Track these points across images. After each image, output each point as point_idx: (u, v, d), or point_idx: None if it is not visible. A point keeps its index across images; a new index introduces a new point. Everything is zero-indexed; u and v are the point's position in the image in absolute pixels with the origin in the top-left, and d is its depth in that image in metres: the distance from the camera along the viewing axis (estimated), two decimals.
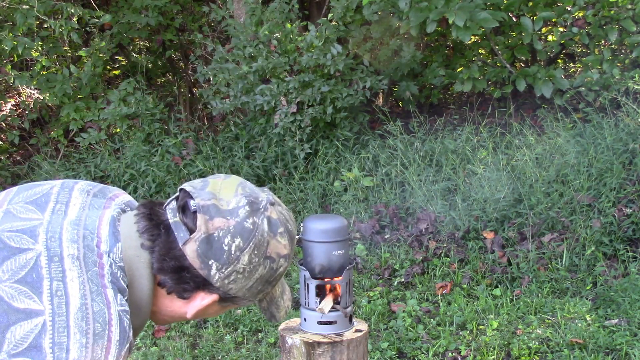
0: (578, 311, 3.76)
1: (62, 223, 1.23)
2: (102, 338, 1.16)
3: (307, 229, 2.23)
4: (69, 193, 1.30)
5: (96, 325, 1.16)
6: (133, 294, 1.24)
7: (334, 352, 2.18)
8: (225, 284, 1.26)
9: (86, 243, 1.22)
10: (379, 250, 4.64)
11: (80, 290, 1.17)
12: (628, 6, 5.32)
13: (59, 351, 1.12)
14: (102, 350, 1.16)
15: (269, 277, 1.30)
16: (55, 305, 1.14)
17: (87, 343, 1.14)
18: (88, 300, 1.16)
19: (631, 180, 4.50)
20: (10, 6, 6.01)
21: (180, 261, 1.24)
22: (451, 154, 5.19)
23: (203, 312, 1.33)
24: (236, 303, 1.33)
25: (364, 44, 5.75)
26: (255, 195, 1.28)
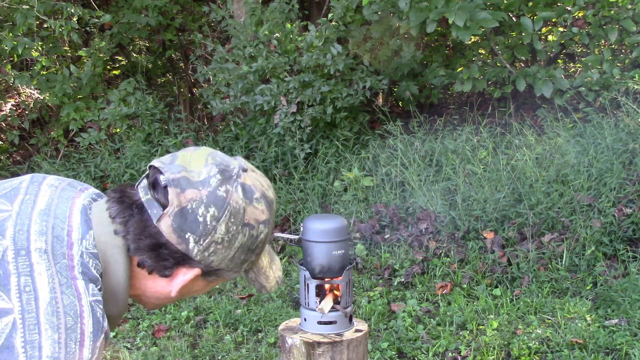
0: (578, 311, 3.76)
1: (30, 214, 1.21)
2: (75, 331, 1.13)
3: (307, 229, 2.23)
4: (37, 187, 1.27)
5: (67, 319, 1.13)
6: (108, 281, 1.22)
7: (334, 352, 2.18)
8: (205, 257, 1.23)
9: (55, 234, 1.19)
10: (379, 250, 4.64)
11: (49, 284, 1.14)
12: (628, 6, 5.32)
13: (32, 349, 1.09)
14: (76, 343, 1.13)
15: (251, 245, 1.27)
16: (24, 302, 1.12)
17: (59, 338, 1.11)
18: (58, 293, 1.13)
19: (631, 180, 4.50)
20: (10, 6, 6.01)
21: (157, 238, 1.21)
22: (451, 154, 5.19)
23: (188, 289, 1.30)
24: (221, 276, 1.30)
25: (364, 44, 5.75)
26: (226, 164, 1.25)
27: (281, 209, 5.21)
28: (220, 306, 4.11)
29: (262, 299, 4.21)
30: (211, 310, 4.08)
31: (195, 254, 1.22)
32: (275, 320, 3.91)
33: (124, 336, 3.89)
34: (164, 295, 1.30)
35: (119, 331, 3.94)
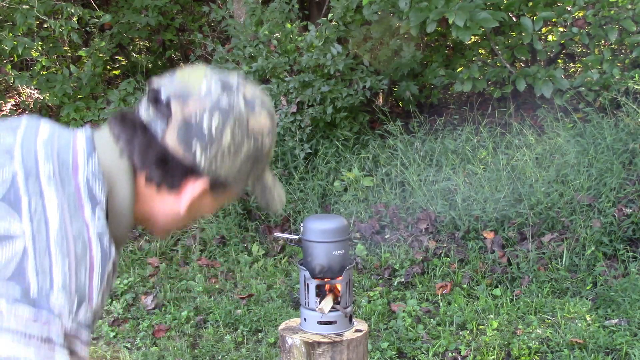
0: (578, 311, 3.76)
1: (35, 142, 1.20)
2: (85, 260, 1.12)
3: (307, 229, 2.24)
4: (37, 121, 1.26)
5: (78, 245, 1.11)
6: (113, 203, 1.20)
7: (334, 352, 2.18)
8: (212, 167, 1.22)
9: (61, 159, 1.18)
10: (379, 250, 4.64)
11: (59, 210, 1.12)
12: (628, 6, 5.32)
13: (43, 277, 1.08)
14: (86, 272, 1.11)
15: (256, 155, 1.27)
16: (35, 226, 1.10)
17: (70, 266, 1.10)
18: (67, 221, 1.12)
19: (631, 180, 4.50)
20: (10, 6, 6.01)
21: (162, 152, 1.20)
22: (451, 154, 5.19)
23: (197, 205, 1.28)
24: (228, 190, 1.29)
25: (364, 44, 5.75)
26: (226, 77, 1.25)
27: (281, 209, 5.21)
28: (220, 306, 4.11)
29: (262, 299, 4.21)
30: (211, 310, 4.08)
31: (202, 164, 1.21)
32: (275, 320, 3.91)
33: (124, 336, 3.89)
34: (173, 214, 1.28)
35: (119, 331, 3.94)
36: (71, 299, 1.09)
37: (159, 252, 5.00)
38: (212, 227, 5.10)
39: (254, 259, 4.80)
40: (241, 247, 4.97)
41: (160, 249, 5.02)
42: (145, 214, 1.28)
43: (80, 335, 1.11)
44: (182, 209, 1.26)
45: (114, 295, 4.36)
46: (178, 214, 1.28)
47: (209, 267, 4.77)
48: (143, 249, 5.04)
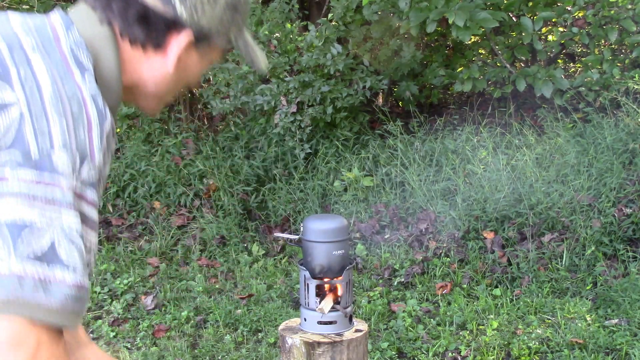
0: (578, 311, 3.76)
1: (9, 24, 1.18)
2: (82, 118, 1.11)
3: (307, 229, 2.24)
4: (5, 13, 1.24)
5: (73, 104, 1.11)
6: (100, 72, 1.19)
7: (334, 352, 2.18)
8: (193, 17, 1.22)
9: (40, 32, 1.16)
10: (379, 250, 4.64)
11: (49, 74, 1.11)
12: (628, 6, 5.32)
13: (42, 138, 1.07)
14: (85, 130, 1.11)
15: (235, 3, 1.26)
16: (27, 92, 1.09)
17: (67, 125, 1.09)
18: (59, 84, 1.11)
19: (631, 180, 4.50)
20: (10, 6, 6.01)
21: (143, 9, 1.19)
22: (451, 154, 5.19)
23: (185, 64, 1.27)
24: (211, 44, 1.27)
25: (364, 44, 5.75)
26: None
27: (281, 209, 5.21)
28: (220, 306, 4.11)
29: (262, 299, 4.21)
30: (211, 310, 4.08)
31: (183, 14, 1.21)
32: (275, 320, 3.91)
33: (124, 336, 3.89)
34: (162, 75, 1.26)
35: (118, 331, 3.94)
36: (73, 157, 1.09)
37: (159, 252, 5.00)
38: (212, 227, 5.10)
39: (254, 259, 4.80)
40: (241, 247, 4.97)
41: (160, 249, 5.02)
42: (135, 81, 1.26)
43: (85, 195, 1.11)
44: (170, 66, 1.25)
45: (114, 295, 4.36)
46: (167, 74, 1.26)
47: (209, 267, 4.77)
48: (143, 249, 5.04)
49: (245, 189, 5.39)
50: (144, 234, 5.25)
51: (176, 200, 5.46)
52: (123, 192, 5.54)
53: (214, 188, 5.43)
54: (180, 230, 5.24)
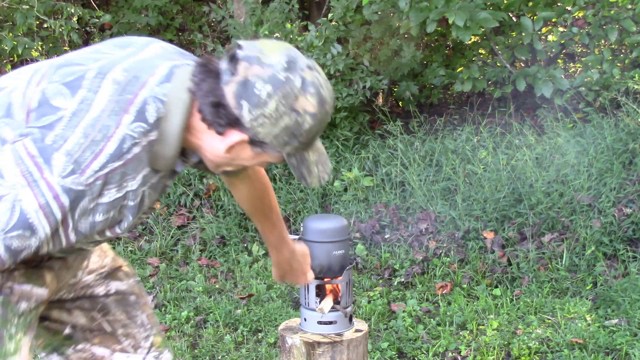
0: (578, 311, 3.76)
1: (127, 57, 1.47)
2: (97, 146, 1.37)
3: (307, 229, 2.24)
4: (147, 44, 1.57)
5: (98, 134, 1.37)
6: (165, 125, 1.44)
7: (334, 352, 2.18)
8: (254, 126, 1.42)
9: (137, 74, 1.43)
10: (379, 250, 4.64)
11: (104, 105, 1.39)
12: (628, 6, 5.31)
13: (60, 140, 1.37)
14: (91, 155, 1.37)
15: (295, 130, 1.44)
16: (77, 109, 1.39)
17: (83, 143, 1.37)
18: (104, 115, 1.38)
19: (631, 180, 4.50)
20: (10, 6, 6.01)
21: (219, 98, 1.42)
22: (451, 154, 5.19)
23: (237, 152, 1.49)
24: (265, 151, 1.48)
25: (364, 44, 5.74)
26: (296, 57, 1.45)
27: (281, 209, 5.21)
28: (220, 306, 4.11)
29: (262, 299, 4.21)
30: (211, 310, 4.08)
31: (246, 120, 1.42)
32: (275, 320, 3.91)
33: None
34: (217, 151, 1.49)
35: None
36: (66, 164, 1.36)
37: (159, 252, 5.00)
38: (212, 227, 5.10)
39: (254, 259, 4.80)
40: (241, 247, 4.97)
41: (160, 249, 5.02)
42: (197, 144, 1.50)
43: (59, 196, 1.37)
44: (222, 150, 1.48)
45: None
46: (220, 152, 1.49)
47: (209, 267, 4.77)
48: (143, 249, 5.04)
49: None
50: (144, 233, 5.25)
51: (176, 200, 5.46)
52: None
53: (214, 188, 5.43)
54: (180, 230, 5.24)
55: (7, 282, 1.60)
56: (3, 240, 1.38)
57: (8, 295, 1.60)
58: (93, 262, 1.90)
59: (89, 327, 1.89)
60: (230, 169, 1.57)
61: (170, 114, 1.43)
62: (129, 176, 1.44)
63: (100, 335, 1.91)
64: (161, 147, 1.45)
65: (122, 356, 1.94)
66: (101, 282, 1.91)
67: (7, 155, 1.38)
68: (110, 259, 1.94)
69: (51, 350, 1.90)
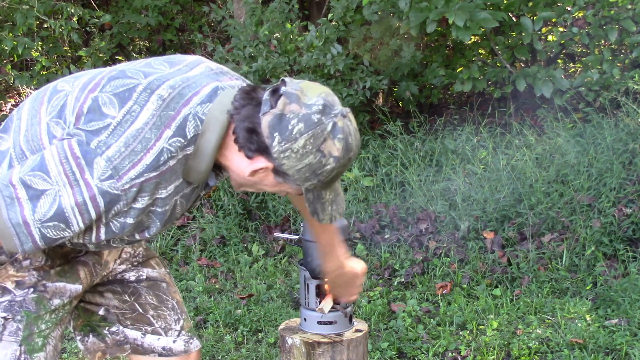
0: (578, 311, 3.76)
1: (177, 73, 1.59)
2: (136, 156, 1.49)
3: (307, 229, 2.23)
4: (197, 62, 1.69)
5: (138, 145, 1.49)
6: (201, 142, 1.55)
7: (334, 352, 2.18)
8: (280, 157, 1.53)
9: (182, 92, 1.55)
10: (379, 250, 4.64)
11: (148, 119, 1.51)
12: (628, 6, 5.31)
13: (104, 145, 1.49)
14: (130, 163, 1.49)
15: (317, 169, 1.56)
16: (123, 119, 1.51)
17: (123, 152, 1.49)
18: (147, 128, 1.50)
19: (631, 180, 4.50)
20: (10, 6, 6.01)
21: (255, 126, 1.53)
22: (451, 154, 5.19)
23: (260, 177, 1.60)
24: (287, 181, 1.59)
25: (364, 44, 5.75)
26: (333, 102, 1.56)
27: (281, 209, 5.21)
28: (220, 306, 4.11)
29: (262, 299, 4.21)
30: (211, 310, 4.09)
31: (275, 150, 1.53)
32: (275, 320, 3.91)
33: None
34: (243, 172, 1.60)
35: None
36: (105, 169, 1.49)
37: (159, 252, 5.00)
38: (212, 227, 5.10)
39: (254, 259, 4.80)
40: (241, 247, 4.97)
41: (160, 249, 5.02)
42: (226, 163, 1.62)
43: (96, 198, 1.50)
44: (247, 172, 1.59)
45: None
46: (245, 174, 1.60)
47: (209, 267, 4.77)
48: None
49: None
50: None
51: None
52: None
53: (214, 188, 5.44)
54: (180, 230, 5.24)
55: (42, 280, 1.75)
56: (40, 228, 1.50)
57: (42, 292, 1.74)
58: (125, 252, 2.00)
59: (121, 309, 1.99)
60: (252, 190, 1.69)
61: (208, 132, 1.55)
62: (162, 185, 1.56)
63: (132, 317, 2.00)
64: (195, 162, 1.56)
65: (154, 338, 2.02)
66: (133, 269, 2.02)
67: (53, 152, 1.50)
68: (143, 249, 2.05)
69: (88, 331, 2.00)
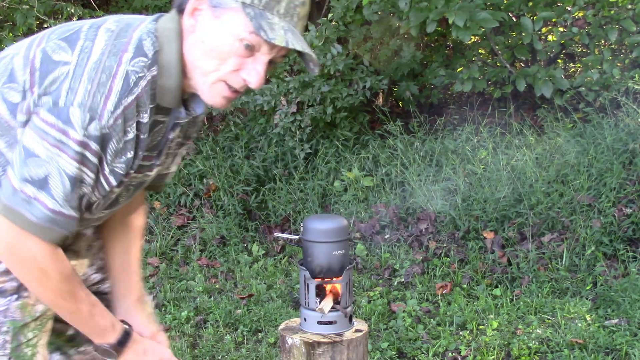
0: (578, 311, 3.76)
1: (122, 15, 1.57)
2: (104, 87, 1.43)
3: (307, 229, 2.23)
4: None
5: (102, 75, 1.43)
6: (163, 57, 1.50)
7: (334, 352, 2.18)
8: None
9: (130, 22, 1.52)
10: (379, 250, 4.64)
11: (102, 49, 1.46)
12: (628, 6, 5.31)
13: (70, 94, 1.43)
14: (102, 96, 1.43)
15: None
16: (79, 59, 1.45)
17: (91, 89, 1.43)
18: (104, 57, 1.45)
19: (631, 180, 4.50)
20: (10, 6, 6.01)
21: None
22: (451, 154, 5.19)
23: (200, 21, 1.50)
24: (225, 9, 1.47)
25: (364, 44, 5.74)
26: None
27: (281, 209, 5.21)
28: (220, 306, 4.11)
29: (262, 299, 4.21)
30: (211, 310, 4.08)
31: None
32: (275, 320, 3.91)
33: None
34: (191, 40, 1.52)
35: None
36: (84, 114, 1.42)
37: (159, 252, 5.00)
38: (212, 227, 5.10)
39: (254, 259, 4.80)
40: (241, 247, 4.97)
41: (160, 249, 5.02)
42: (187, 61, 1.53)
43: (89, 144, 1.45)
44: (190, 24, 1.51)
45: None
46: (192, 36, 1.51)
47: (209, 267, 4.77)
48: (143, 249, 5.03)
49: (245, 189, 5.39)
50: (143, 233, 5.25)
51: (176, 200, 5.46)
52: None
53: (214, 188, 5.43)
54: (180, 230, 5.24)
55: None
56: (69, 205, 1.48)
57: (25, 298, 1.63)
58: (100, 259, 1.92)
59: None
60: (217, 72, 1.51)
61: (165, 45, 1.50)
62: (142, 109, 1.50)
63: None
64: (164, 80, 1.50)
65: None
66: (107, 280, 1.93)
67: (29, 134, 1.45)
68: None
69: (54, 349, 1.90)
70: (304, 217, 4.92)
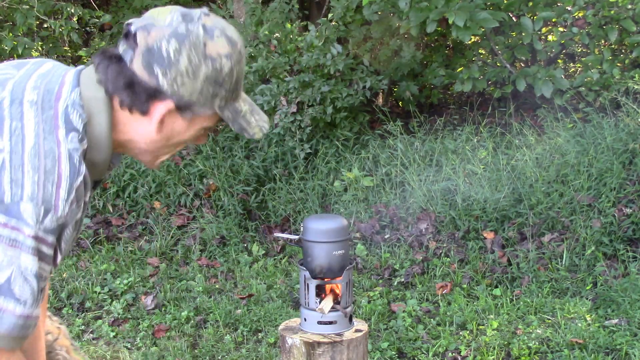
0: (578, 311, 3.76)
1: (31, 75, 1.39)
2: (53, 174, 1.29)
3: (307, 229, 2.24)
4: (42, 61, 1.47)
5: (46, 161, 1.29)
6: (92, 130, 1.37)
7: (334, 352, 2.18)
8: (174, 89, 1.36)
9: (48, 88, 1.36)
10: (379, 250, 4.64)
11: (35, 129, 1.31)
12: (628, 6, 5.31)
13: (15, 187, 1.27)
14: (53, 185, 1.29)
15: (216, 78, 1.38)
16: (13, 143, 1.29)
17: (38, 179, 1.28)
18: (41, 139, 1.30)
19: (631, 180, 4.50)
20: (10, 6, 6.01)
21: (131, 78, 1.36)
22: (451, 154, 5.18)
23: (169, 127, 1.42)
24: (196, 113, 1.40)
25: (364, 44, 5.75)
26: (188, 10, 1.40)
27: (281, 209, 5.21)
28: (220, 306, 4.11)
29: (262, 299, 4.21)
30: (211, 310, 4.08)
31: (164, 86, 1.36)
32: (275, 320, 3.91)
33: (124, 336, 3.89)
34: (149, 135, 1.42)
35: (118, 331, 3.94)
36: (38, 208, 1.28)
37: (159, 252, 5.00)
38: (212, 227, 5.10)
39: (254, 259, 4.80)
40: (241, 247, 4.97)
41: (160, 249, 5.02)
42: (127, 139, 1.43)
43: (46, 239, 1.31)
44: (153, 128, 1.40)
45: (114, 295, 4.36)
46: (153, 135, 1.42)
47: (209, 267, 4.77)
48: (143, 249, 5.04)
49: (245, 189, 5.39)
50: (144, 234, 5.25)
51: (176, 200, 5.46)
52: (123, 192, 5.54)
53: (214, 188, 5.43)
54: (180, 230, 5.23)
55: None
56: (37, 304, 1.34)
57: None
58: None
59: None
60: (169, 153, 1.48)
61: (93, 116, 1.37)
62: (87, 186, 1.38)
63: None
64: (94, 154, 1.38)
65: None
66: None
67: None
68: None
69: None
70: (304, 217, 4.92)
